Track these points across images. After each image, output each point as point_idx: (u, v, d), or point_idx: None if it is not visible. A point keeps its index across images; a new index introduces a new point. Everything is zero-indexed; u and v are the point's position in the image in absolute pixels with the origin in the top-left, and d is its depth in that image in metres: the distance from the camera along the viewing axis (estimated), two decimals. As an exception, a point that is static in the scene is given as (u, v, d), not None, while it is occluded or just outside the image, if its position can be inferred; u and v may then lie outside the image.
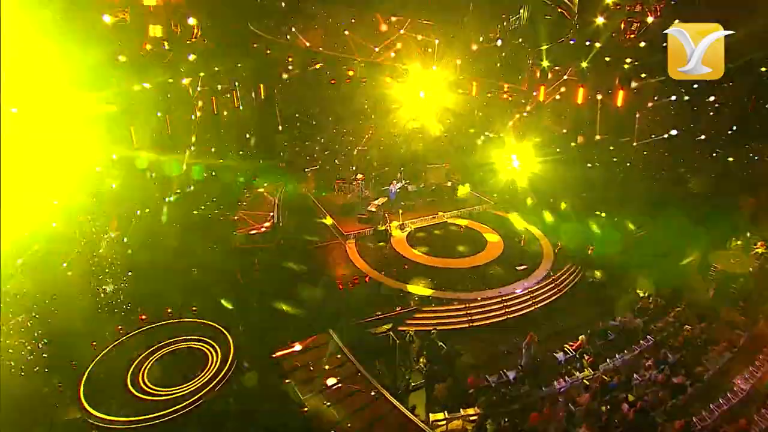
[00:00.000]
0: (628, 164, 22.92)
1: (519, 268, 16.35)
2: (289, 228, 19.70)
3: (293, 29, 16.91)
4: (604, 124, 23.37)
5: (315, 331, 13.38)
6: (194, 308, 14.43)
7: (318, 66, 20.31)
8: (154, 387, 11.27)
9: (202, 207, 20.53)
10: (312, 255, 18.04)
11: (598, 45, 20.53)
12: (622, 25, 19.99)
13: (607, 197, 22.39)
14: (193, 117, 19.98)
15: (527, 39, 19.55)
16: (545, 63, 23.23)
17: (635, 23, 20.16)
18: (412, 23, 15.70)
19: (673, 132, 21.22)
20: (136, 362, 11.95)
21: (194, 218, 19.85)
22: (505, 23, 18.43)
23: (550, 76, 24.29)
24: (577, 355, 12.78)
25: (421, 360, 13.07)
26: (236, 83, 22.55)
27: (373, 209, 20.00)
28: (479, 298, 15.13)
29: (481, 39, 16.57)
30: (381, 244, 18.66)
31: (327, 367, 12.00)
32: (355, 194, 21.20)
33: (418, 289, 15.53)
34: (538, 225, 21.02)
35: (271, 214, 20.45)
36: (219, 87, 21.54)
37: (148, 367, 11.87)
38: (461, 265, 17.12)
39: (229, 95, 22.34)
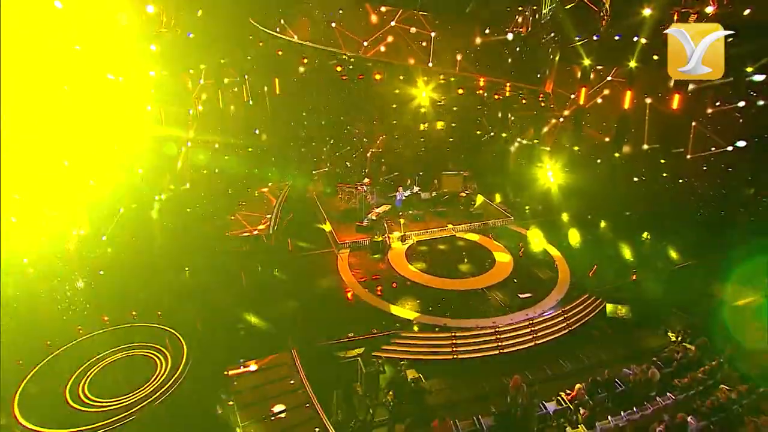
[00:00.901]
0: (680, 180, 20.40)
1: (522, 295, 14.75)
2: (282, 232, 19.21)
3: (282, 21, 16.41)
4: (653, 133, 21.06)
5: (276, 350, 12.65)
6: (159, 312, 14.25)
7: (303, 63, 19.55)
8: (91, 397, 11.02)
9: (197, 205, 20.58)
10: (295, 263, 17.45)
11: (644, 41, 18.39)
12: (675, 17, 17.69)
13: (654, 217, 20.05)
14: (191, 111, 20.04)
15: (555, 33, 17.81)
16: (587, 61, 21.35)
17: (692, 14, 17.79)
18: (406, 14, 14.62)
19: (741, 143, 18.54)
20: (80, 368, 11.76)
21: (187, 217, 19.92)
22: (524, 15, 16.83)
23: (592, 76, 22.36)
24: (572, 407, 11.10)
25: (389, 394, 11.96)
26: (246, 77, 22.55)
27: (374, 217, 19.07)
28: (476, 326, 13.77)
29: (486, 32, 15.09)
30: (376, 256, 17.71)
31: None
32: (358, 200, 20.39)
33: (401, 311, 14.42)
34: (563, 246, 19.02)
35: (268, 216, 20.16)
36: (225, 80, 21.62)
37: (91, 374, 11.64)
38: (459, 287, 15.76)
39: (236, 89, 22.37)
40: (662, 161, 20.57)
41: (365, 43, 15.54)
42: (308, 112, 22.34)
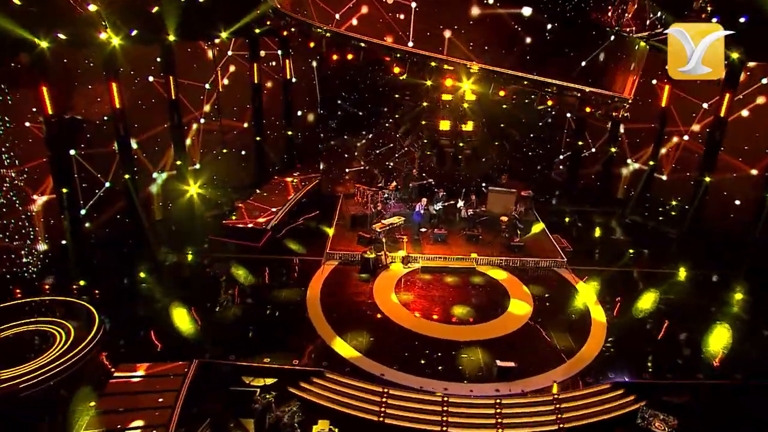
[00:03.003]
0: None
1: (501, 363, 12.47)
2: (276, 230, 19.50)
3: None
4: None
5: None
6: (97, 292, 15.52)
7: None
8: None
9: (207, 187, 21.89)
10: (273, 266, 17.74)
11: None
12: None
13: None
14: (207, 86, 21.39)
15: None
16: (735, 55, 17.54)
17: None
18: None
19: None
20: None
21: (190, 199, 21.41)
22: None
23: (742, 77, 18.26)
24: None
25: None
26: (290, 50, 23.36)
27: (379, 229, 18.19)
28: (419, 387, 12.15)
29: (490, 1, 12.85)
30: (363, 276, 16.88)
31: None
32: (373, 205, 19.76)
33: (343, 346, 13.40)
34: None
35: (274, 209, 20.55)
36: (263, 53, 22.69)
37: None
38: (436, 334, 14.09)
39: (274, 63, 23.31)
40: None
41: (337, 16, 14.83)
42: (342, 99, 22.20)
